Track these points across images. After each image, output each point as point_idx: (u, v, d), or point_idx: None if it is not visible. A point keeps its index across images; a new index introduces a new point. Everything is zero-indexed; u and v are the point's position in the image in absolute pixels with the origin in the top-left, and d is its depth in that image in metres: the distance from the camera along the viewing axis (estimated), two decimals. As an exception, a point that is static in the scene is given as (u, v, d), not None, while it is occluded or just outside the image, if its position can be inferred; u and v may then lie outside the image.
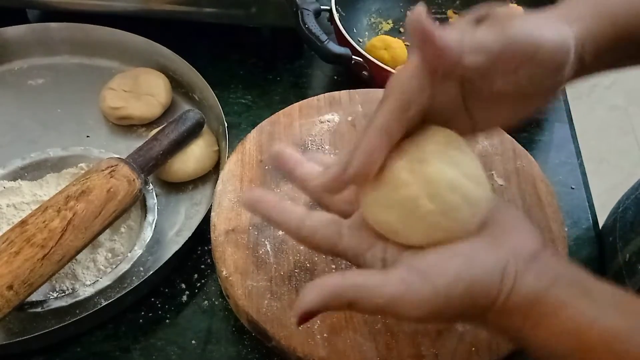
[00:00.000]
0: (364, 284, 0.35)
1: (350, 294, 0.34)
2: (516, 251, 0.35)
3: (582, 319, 0.34)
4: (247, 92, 0.74)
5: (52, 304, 0.53)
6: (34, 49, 0.74)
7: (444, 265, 0.35)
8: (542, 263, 0.36)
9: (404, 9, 0.84)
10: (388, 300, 0.34)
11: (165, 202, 0.63)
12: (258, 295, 0.48)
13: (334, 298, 0.35)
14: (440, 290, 0.34)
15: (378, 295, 0.34)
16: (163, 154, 0.61)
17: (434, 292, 0.34)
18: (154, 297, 0.56)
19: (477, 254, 0.35)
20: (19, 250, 0.49)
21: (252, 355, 0.53)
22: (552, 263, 0.36)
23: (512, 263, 0.35)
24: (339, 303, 0.35)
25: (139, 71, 0.71)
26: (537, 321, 0.34)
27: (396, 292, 0.34)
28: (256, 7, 0.72)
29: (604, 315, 0.34)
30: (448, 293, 0.34)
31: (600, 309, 0.34)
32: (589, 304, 0.34)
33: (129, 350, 0.53)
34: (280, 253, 0.51)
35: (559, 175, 0.67)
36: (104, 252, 0.57)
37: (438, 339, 0.46)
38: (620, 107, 1.92)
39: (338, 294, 0.35)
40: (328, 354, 0.45)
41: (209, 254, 0.58)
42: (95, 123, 0.70)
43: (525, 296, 0.34)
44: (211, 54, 0.77)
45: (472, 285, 0.34)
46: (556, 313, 0.34)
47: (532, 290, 0.34)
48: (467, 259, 0.35)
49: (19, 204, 0.59)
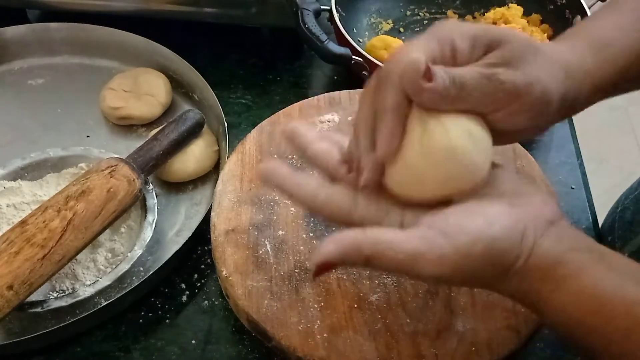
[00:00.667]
0: (385, 238, 0.35)
1: (370, 248, 0.34)
2: (535, 215, 0.36)
3: (602, 284, 0.34)
4: (247, 92, 0.74)
5: (52, 304, 0.53)
6: (34, 49, 0.74)
7: (464, 224, 0.35)
8: (560, 229, 0.36)
9: (404, 9, 0.84)
10: (408, 256, 0.34)
11: (165, 202, 0.63)
12: (258, 295, 0.48)
13: (353, 250, 0.34)
14: (461, 248, 0.34)
15: (398, 250, 0.34)
16: (163, 154, 0.61)
17: (454, 249, 0.34)
18: (154, 297, 0.56)
19: (497, 215, 0.35)
20: (19, 250, 0.49)
21: (252, 355, 0.53)
22: (570, 230, 0.37)
23: (531, 226, 0.35)
24: (358, 256, 0.34)
25: (139, 71, 0.71)
26: (556, 284, 0.34)
27: (417, 248, 0.34)
28: (256, 7, 0.72)
29: (624, 282, 0.34)
30: (469, 251, 0.34)
31: (621, 277, 0.34)
32: (609, 271, 0.34)
33: (129, 350, 0.53)
34: (280, 253, 0.51)
35: (559, 175, 0.67)
36: (104, 252, 0.57)
37: (438, 339, 0.46)
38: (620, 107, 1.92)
39: (358, 246, 0.34)
40: (328, 354, 0.45)
41: (209, 254, 0.58)
42: (95, 123, 0.70)
43: (544, 258, 0.35)
44: (211, 54, 0.77)
45: (493, 244, 0.34)
46: (577, 276, 0.34)
47: (551, 252, 0.35)
48: (487, 219, 0.35)
49: (19, 204, 0.59)
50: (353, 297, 0.48)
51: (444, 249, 0.34)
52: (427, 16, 0.84)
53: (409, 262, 0.34)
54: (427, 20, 0.84)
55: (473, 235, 0.34)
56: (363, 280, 0.49)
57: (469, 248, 0.34)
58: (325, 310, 0.47)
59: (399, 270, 0.35)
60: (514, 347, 0.46)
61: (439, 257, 0.34)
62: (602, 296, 0.34)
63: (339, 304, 0.48)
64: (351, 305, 0.48)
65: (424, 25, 0.83)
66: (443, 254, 0.34)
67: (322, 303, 0.48)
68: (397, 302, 0.48)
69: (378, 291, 0.49)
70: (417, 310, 0.47)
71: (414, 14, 0.84)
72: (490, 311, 0.47)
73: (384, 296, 0.48)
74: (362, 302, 0.48)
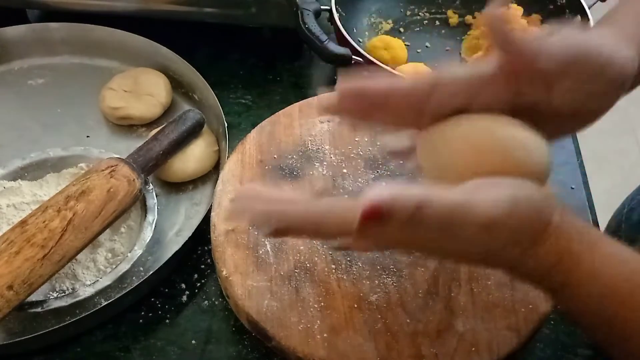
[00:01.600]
0: (432, 190, 0.34)
1: (418, 196, 0.34)
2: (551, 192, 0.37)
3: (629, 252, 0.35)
4: (247, 92, 0.74)
5: (52, 304, 0.53)
6: (34, 49, 0.74)
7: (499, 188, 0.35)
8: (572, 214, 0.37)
9: (404, 9, 0.84)
10: (461, 201, 0.34)
11: (165, 202, 0.63)
12: (258, 295, 0.48)
13: (403, 197, 0.33)
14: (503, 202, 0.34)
15: (446, 198, 0.34)
16: (163, 154, 0.61)
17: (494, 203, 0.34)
18: (154, 297, 0.56)
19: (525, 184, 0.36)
20: (19, 250, 0.49)
21: (252, 355, 0.53)
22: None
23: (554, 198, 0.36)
24: (406, 205, 0.33)
25: (139, 71, 0.71)
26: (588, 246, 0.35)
27: (462, 198, 0.34)
28: (256, 7, 0.72)
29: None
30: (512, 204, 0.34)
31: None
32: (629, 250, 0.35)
33: (129, 350, 0.53)
34: (280, 253, 0.51)
35: (559, 175, 0.67)
36: (104, 252, 0.57)
37: (438, 339, 0.46)
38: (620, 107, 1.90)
39: (407, 194, 0.34)
40: (328, 354, 0.45)
41: (209, 254, 0.58)
42: (95, 123, 0.70)
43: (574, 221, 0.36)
44: (211, 54, 0.77)
45: (532, 199, 0.35)
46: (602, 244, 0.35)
47: (576, 219, 0.36)
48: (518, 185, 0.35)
49: (19, 204, 0.59)
50: (353, 297, 0.48)
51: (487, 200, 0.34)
52: (427, 16, 0.84)
53: (462, 207, 0.34)
54: (427, 20, 0.84)
55: (511, 194, 0.35)
56: (363, 280, 0.49)
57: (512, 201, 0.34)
58: (325, 310, 0.47)
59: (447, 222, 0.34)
60: (514, 347, 0.46)
61: (493, 200, 0.34)
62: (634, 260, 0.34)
63: (339, 304, 0.48)
64: (351, 305, 0.48)
65: (424, 25, 0.83)
66: (487, 205, 0.34)
67: (322, 303, 0.48)
68: (397, 302, 0.48)
69: (378, 291, 0.49)
70: (417, 310, 0.47)
71: (414, 14, 0.84)
72: (490, 311, 0.47)
73: (384, 296, 0.48)
74: (362, 302, 0.48)
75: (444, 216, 0.34)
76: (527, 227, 0.35)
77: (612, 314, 0.35)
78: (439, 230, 0.34)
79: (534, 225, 0.35)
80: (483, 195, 0.34)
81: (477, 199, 0.34)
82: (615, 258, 0.35)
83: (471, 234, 0.34)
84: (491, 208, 0.34)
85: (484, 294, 0.48)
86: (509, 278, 0.49)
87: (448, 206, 0.34)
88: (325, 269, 0.50)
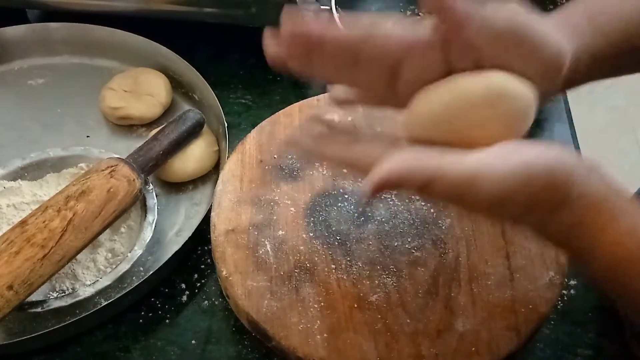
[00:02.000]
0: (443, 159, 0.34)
1: (430, 169, 0.33)
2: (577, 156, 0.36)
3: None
4: (247, 92, 0.74)
5: (52, 304, 0.53)
6: (34, 49, 0.74)
7: (519, 150, 0.34)
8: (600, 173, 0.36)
9: (404, 9, 0.84)
10: (468, 175, 0.33)
11: (165, 202, 0.63)
12: (258, 295, 0.48)
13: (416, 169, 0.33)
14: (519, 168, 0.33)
15: (458, 169, 0.33)
16: (163, 154, 0.61)
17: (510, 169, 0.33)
18: (154, 297, 0.56)
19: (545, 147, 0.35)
20: (19, 250, 0.49)
21: (252, 355, 0.53)
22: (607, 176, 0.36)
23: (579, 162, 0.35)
24: (417, 178, 0.33)
25: (139, 71, 0.71)
26: (611, 215, 0.34)
27: (475, 167, 0.33)
28: (256, 7, 0.72)
29: None
30: (529, 169, 0.33)
31: None
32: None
33: (129, 350, 0.53)
34: (280, 253, 0.51)
35: (559, 175, 0.67)
36: (104, 252, 0.58)
37: (438, 339, 0.46)
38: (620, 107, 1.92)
39: (422, 166, 0.33)
40: (328, 354, 0.45)
41: (209, 254, 0.58)
42: (95, 123, 0.70)
43: (597, 190, 0.35)
44: (211, 54, 0.77)
45: (551, 167, 0.34)
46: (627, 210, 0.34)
47: (601, 187, 0.35)
48: (539, 148, 0.35)
49: (19, 204, 0.59)
50: (353, 297, 0.48)
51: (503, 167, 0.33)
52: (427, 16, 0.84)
53: (472, 181, 0.33)
54: (427, 20, 0.84)
55: (532, 156, 0.34)
56: (363, 280, 0.49)
57: (529, 166, 0.33)
58: (325, 310, 0.48)
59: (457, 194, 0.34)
60: (514, 347, 0.46)
61: (498, 177, 0.33)
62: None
63: (339, 304, 0.48)
64: (351, 305, 0.48)
65: (424, 25, 0.83)
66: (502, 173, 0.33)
67: (322, 303, 0.48)
68: (397, 302, 0.48)
69: (378, 291, 0.49)
70: (417, 310, 0.47)
71: (414, 14, 0.84)
72: (490, 311, 0.47)
73: (384, 296, 0.48)
74: (362, 302, 0.48)
75: (453, 191, 0.34)
76: (541, 199, 0.34)
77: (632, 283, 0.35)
78: (451, 202, 0.35)
79: (549, 196, 0.34)
80: (495, 167, 0.33)
81: (488, 172, 0.33)
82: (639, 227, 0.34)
83: (483, 207, 0.35)
84: (501, 183, 0.33)
85: (484, 294, 0.48)
86: (509, 278, 0.49)
87: (458, 180, 0.33)
88: (325, 269, 0.50)
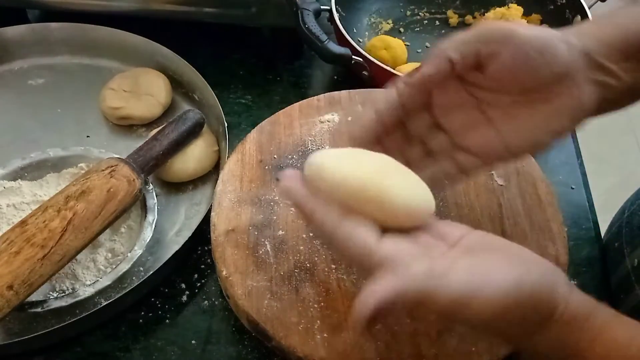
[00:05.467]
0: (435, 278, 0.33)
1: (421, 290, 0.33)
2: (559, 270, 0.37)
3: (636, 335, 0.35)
4: (247, 92, 0.74)
5: (52, 304, 0.53)
6: (34, 49, 0.74)
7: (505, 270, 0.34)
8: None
9: (404, 9, 0.84)
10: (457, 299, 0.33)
11: (165, 202, 0.63)
12: (258, 295, 0.48)
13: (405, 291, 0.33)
14: (510, 290, 0.33)
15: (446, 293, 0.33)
16: (163, 154, 0.61)
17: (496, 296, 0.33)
18: (154, 297, 0.56)
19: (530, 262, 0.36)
20: (19, 250, 0.49)
21: (252, 355, 0.53)
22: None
23: (561, 279, 0.36)
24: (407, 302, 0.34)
25: (139, 71, 0.71)
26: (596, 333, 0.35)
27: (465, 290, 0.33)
28: (256, 7, 0.72)
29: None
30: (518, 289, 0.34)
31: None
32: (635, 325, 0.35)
33: (129, 350, 0.53)
34: (280, 253, 0.51)
35: (559, 175, 0.67)
36: (104, 252, 0.58)
37: (438, 339, 0.46)
38: (620, 107, 1.92)
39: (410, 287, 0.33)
40: (328, 354, 0.45)
41: (209, 254, 0.58)
42: (95, 123, 0.70)
43: (580, 308, 0.35)
44: (211, 54, 0.77)
45: (537, 287, 0.34)
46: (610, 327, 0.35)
47: (584, 304, 0.36)
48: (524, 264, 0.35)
49: (19, 204, 0.59)
50: (353, 297, 0.48)
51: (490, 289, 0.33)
52: (427, 16, 0.84)
53: (464, 300, 0.33)
54: (427, 20, 0.84)
55: (516, 279, 0.34)
56: (363, 280, 0.49)
57: (517, 288, 0.34)
58: (325, 310, 0.48)
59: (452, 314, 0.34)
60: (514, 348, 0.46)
61: (495, 293, 0.33)
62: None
63: (339, 304, 0.48)
64: (351, 305, 0.48)
65: (424, 25, 0.83)
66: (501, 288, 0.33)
67: (322, 303, 0.48)
68: (397, 302, 0.48)
69: (378, 291, 0.48)
70: (417, 310, 0.47)
71: (414, 14, 0.84)
72: (490, 311, 0.47)
73: (384, 296, 0.48)
74: (362, 302, 0.48)
75: (445, 311, 0.34)
76: (528, 317, 0.35)
77: None
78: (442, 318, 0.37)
79: (533, 316, 0.35)
80: (487, 285, 0.33)
81: (480, 291, 0.33)
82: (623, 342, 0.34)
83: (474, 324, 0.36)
84: (493, 302, 0.33)
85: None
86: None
87: (449, 300, 0.33)
88: (325, 269, 0.50)
